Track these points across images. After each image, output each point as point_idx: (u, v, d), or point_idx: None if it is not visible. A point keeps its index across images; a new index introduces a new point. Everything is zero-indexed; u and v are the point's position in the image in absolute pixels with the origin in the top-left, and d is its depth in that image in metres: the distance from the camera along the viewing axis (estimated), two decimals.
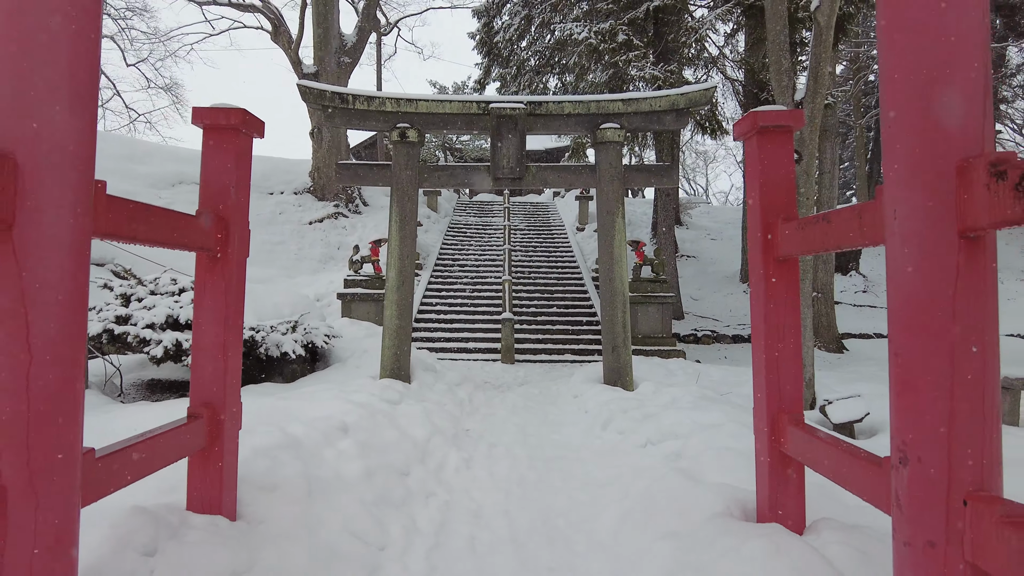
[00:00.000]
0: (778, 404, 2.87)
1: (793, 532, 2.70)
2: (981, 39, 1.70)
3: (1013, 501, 1.66)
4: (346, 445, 4.18)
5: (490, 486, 4.23)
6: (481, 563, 3.08)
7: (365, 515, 3.36)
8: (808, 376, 6.53)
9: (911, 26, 1.73)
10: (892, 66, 1.79)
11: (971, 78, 1.69)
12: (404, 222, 6.94)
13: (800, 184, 6.31)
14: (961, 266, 1.71)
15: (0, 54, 1.68)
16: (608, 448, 4.93)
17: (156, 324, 6.82)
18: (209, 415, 2.83)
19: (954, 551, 1.70)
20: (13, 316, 1.70)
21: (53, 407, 1.77)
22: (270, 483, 3.26)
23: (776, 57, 6.40)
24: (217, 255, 2.85)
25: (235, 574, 2.48)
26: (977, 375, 1.71)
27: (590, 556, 3.08)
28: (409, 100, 6.75)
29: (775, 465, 2.85)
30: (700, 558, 2.57)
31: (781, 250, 2.81)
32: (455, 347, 11.02)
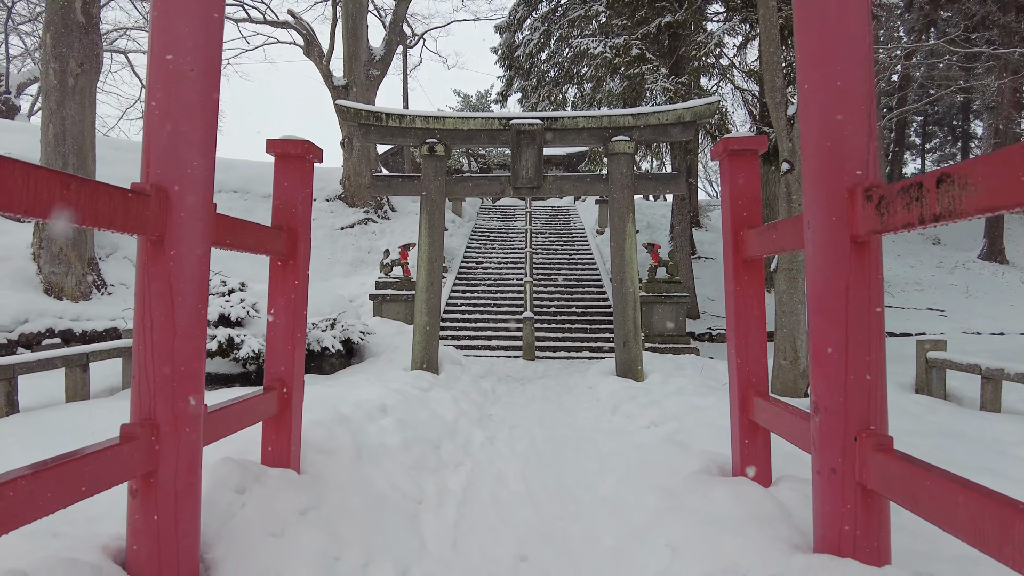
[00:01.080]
0: (747, 380, 3.46)
1: (760, 485, 3.28)
2: (867, 108, 2.29)
3: (886, 435, 2.25)
4: (386, 422, 4.85)
5: (510, 458, 4.87)
6: (501, 513, 3.71)
7: (405, 476, 4.02)
8: (803, 367, 7.04)
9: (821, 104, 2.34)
10: (806, 125, 2.40)
11: (860, 128, 2.29)
12: (432, 229, 7.62)
13: (792, 191, 6.83)
14: (852, 263, 2.30)
15: (162, 122, 2.36)
16: (615, 429, 5.53)
17: (211, 321, 7.59)
18: (280, 388, 3.51)
19: (849, 475, 2.29)
20: (164, 302, 2.39)
21: (188, 369, 2.45)
22: (327, 448, 3.93)
23: (770, 76, 6.93)
24: (288, 260, 3.53)
25: (307, 509, 3.15)
26: (865, 345, 2.30)
27: (593, 506, 3.70)
28: (437, 118, 7.42)
29: (744, 430, 3.44)
30: (678, 501, 3.18)
31: (747, 252, 3.40)
32: (479, 344, 11.67)
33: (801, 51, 2.43)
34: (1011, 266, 21.64)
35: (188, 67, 2.41)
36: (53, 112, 10.42)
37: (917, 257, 22.44)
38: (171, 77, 2.39)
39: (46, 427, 5.03)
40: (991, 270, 21.16)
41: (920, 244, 23.94)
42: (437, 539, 3.35)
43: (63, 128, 10.46)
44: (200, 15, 2.44)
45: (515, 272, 15.06)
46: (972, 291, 18.78)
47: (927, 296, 18.17)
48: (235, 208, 16.37)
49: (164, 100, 2.37)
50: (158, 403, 2.38)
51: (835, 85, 2.29)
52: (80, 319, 10.11)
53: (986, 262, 22.02)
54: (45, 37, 10.50)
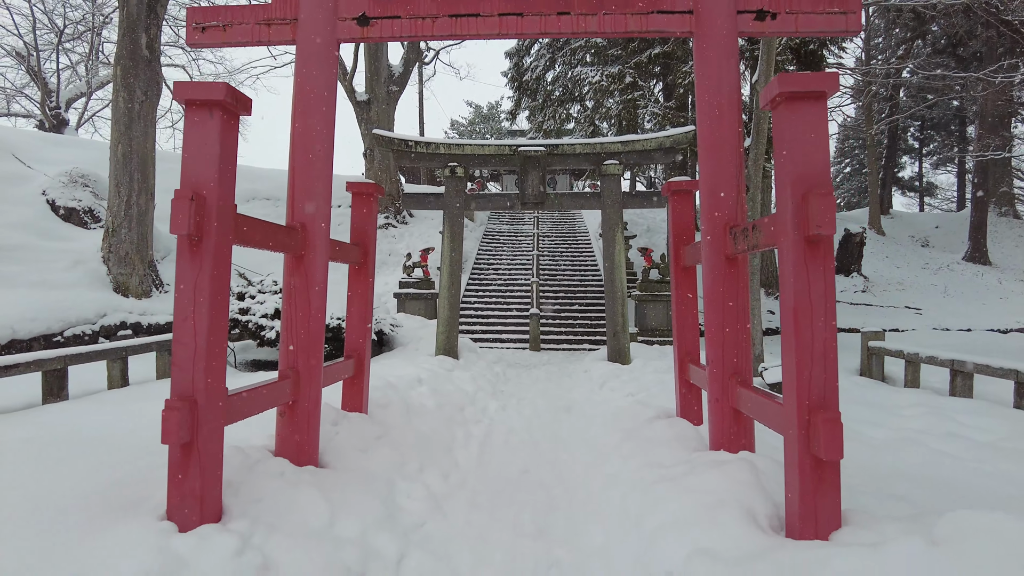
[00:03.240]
0: (684, 352, 4.89)
1: (691, 423, 4.69)
2: (736, 181, 3.73)
3: (748, 377, 3.69)
4: (423, 390, 6.32)
5: (518, 418, 6.32)
6: (511, 449, 5.17)
7: (441, 425, 5.48)
8: (757, 352, 8.42)
9: (710, 182, 3.78)
10: (705, 190, 3.85)
11: (734, 193, 3.73)
12: (453, 237, 9.09)
13: (749, 208, 8.23)
14: (727, 272, 3.74)
15: (301, 185, 3.84)
16: (601, 399, 6.97)
17: (268, 315, 9.08)
18: (356, 357, 4.98)
19: (725, 401, 3.72)
20: (302, 295, 3.85)
21: (315, 338, 3.91)
22: (383, 403, 5.39)
23: None
24: (361, 266, 5.00)
25: (378, 437, 4.61)
26: (734, 324, 3.74)
27: (577, 444, 5.15)
28: (457, 145, 8.88)
29: (682, 386, 4.87)
30: (633, 434, 4.62)
31: (684, 262, 4.84)
32: (491, 337, 13.11)
33: (702, 160, 3.87)
34: (993, 267, 22.83)
35: (317, 148, 3.90)
36: (122, 134, 11.97)
37: (905, 259, 23.66)
38: (305, 157, 3.88)
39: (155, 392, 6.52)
40: (973, 271, 22.36)
41: (909, 247, 25.15)
42: (466, 461, 4.81)
43: (130, 148, 12.01)
44: (325, 116, 3.93)
45: (523, 272, 16.48)
46: (950, 291, 20.03)
47: (907, 295, 19.44)
48: (269, 214, 17.92)
49: (302, 171, 3.86)
50: (299, 359, 3.85)
51: (719, 172, 3.74)
52: (145, 314, 11.65)
53: (969, 263, 23.20)
54: (116, 70, 12.05)
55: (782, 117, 2.61)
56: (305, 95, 3.94)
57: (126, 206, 12.12)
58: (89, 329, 10.59)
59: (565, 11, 3.84)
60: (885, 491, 3.34)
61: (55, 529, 2.56)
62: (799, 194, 2.54)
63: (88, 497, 2.92)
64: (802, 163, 2.56)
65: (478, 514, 3.68)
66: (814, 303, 2.55)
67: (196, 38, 4.09)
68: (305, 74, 3.95)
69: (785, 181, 2.61)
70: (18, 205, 12.75)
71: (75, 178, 14.04)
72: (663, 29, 3.90)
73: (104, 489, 3.03)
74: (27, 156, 14.68)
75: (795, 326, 2.57)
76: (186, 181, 2.72)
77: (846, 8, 3.76)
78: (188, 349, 2.73)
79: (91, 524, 2.64)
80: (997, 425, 5.14)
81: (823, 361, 2.54)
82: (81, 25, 21.32)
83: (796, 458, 2.54)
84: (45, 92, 19.96)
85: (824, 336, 2.54)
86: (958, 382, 6.72)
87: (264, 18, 4.02)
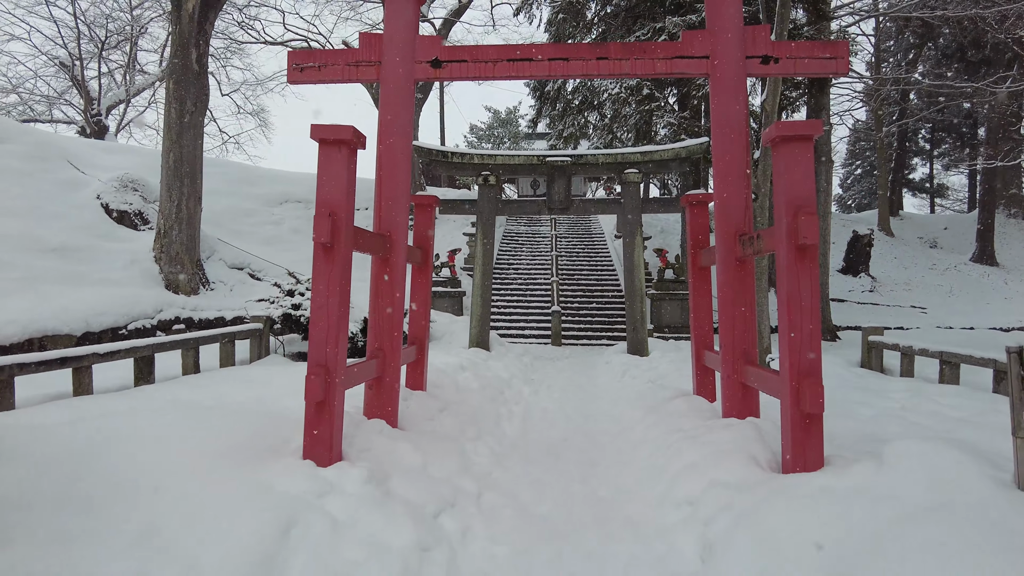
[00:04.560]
0: (700, 340, 5.70)
1: (707, 399, 5.49)
2: (745, 196, 4.55)
3: (754, 357, 4.49)
4: (467, 375, 7.16)
5: (550, 400, 7.16)
6: (549, 425, 6.00)
7: (486, 403, 6.32)
8: (765, 345, 9.18)
9: (724, 197, 4.60)
10: (719, 204, 4.66)
11: (742, 207, 4.54)
12: (486, 239, 9.93)
13: (756, 215, 9.00)
14: (737, 271, 4.55)
15: (385, 193, 4.69)
16: (623, 384, 7.79)
17: None
18: (418, 344, 5.83)
19: (736, 377, 4.53)
20: (387, 289, 4.70)
21: (396, 324, 4.76)
22: (437, 384, 6.24)
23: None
24: (422, 267, 5.85)
25: (441, 409, 5.45)
26: (743, 315, 4.55)
27: (605, 419, 5.98)
28: (490, 155, 9.72)
29: (698, 369, 5.68)
30: (654, 409, 5.44)
31: (700, 263, 5.65)
32: (514, 333, 13.95)
33: (716, 178, 4.68)
34: (999, 268, 23.39)
35: (398, 169, 4.75)
36: (173, 142, 12.91)
37: (913, 260, 24.26)
38: (389, 175, 4.73)
39: (225, 377, 7.39)
40: (980, 272, 22.94)
41: (918, 248, 25.74)
42: (513, 432, 5.66)
43: (181, 155, 12.96)
44: (404, 142, 4.78)
45: (542, 272, 17.30)
46: (955, 291, 20.64)
47: (913, 295, 20.09)
48: (300, 215, 18.88)
49: (387, 188, 4.71)
50: (383, 341, 4.71)
51: (731, 189, 4.55)
52: (196, 309, 12.58)
53: (977, 264, 23.78)
54: (168, 83, 13.00)
55: (778, 153, 3.43)
56: (387, 124, 4.79)
57: (177, 210, 13.07)
58: (148, 323, 11.53)
59: (604, 57, 4.66)
60: (863, 448, 4.14)
61: (232, 463, 3.43)
62: (791, 213, 3.35)
63: (238, 445, 3.78)
64: (793, 189, 3.38)
65: (532, 467, 4.52)
66: (803, 294, 3.36)
67: (295, 76, 4.95)
68: (387, 107, 4.80)
69: (780, 201, 3.42)
70: (78, 209, 13.73)
71: (125, 183, 15.03)
72: (684, 71, 4.73)
73: (247, 440, 3.89)
74: (80, 162, 15.69)
75: (788, 311, 3.38)
76: (321, 201, 3.57)
77: (836, 54, 4.56)
78: (323, 330, 3.59)
79: (253, 461, 3.50)
80: (972, 405, 5.89)
81: (810, 338, 3.35)
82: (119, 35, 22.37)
83: (788, 413, 3.35)
84: (87, 100, 21.03)
85: (810, 319, 3.35)
86: (945, 371, 7.48)
87: (353, 60, 4.87)
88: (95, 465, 3.50)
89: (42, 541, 2.91)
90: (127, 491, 3.24)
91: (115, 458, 3.58)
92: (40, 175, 14.33)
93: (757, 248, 4.10)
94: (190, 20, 13.00)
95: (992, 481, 2.42)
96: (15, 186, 13.24)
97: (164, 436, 3.92)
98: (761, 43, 4.63)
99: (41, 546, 2.88)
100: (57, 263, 11.81)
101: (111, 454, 3.61)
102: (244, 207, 18.31)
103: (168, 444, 3.76)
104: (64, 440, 3.71)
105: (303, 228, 18.51)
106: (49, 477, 3.38)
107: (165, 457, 3.54)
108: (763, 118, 8.88)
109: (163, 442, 3.79)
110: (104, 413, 4.86)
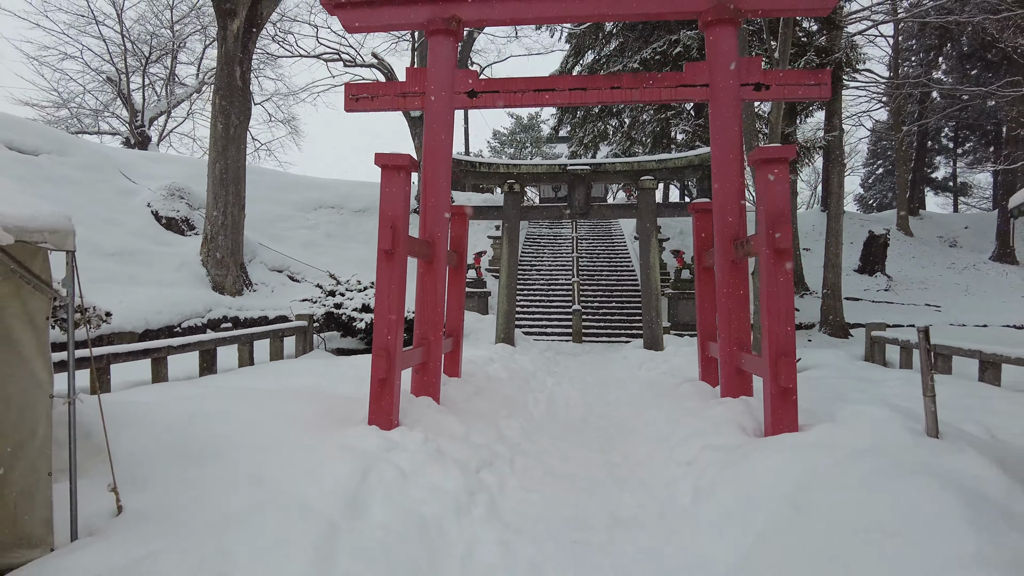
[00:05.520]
0: (705, 333, 6.40)
1: (710, 384, 6.19)
2: (739, 208, 5.25)
3: (748, 345, 5.20)
4: (496, 366, 7.93)
5: (571, 389, 7.89)
6: (571, 409, 6.74)
7: (515, 391, 7.08)
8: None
9: (722, 211, 5.31)
10: (717, 215, 5.37)
11: (737, 215, 5.24)
12: (511, 243, 10.69)
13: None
14: (733, 271, 5.25)
15: (430, 205, 5.48)
16: (638, 376, 8.50)
17: (357, 308, 10.81)
18: (454, 337, 6.62)
19: (732, 363, 5.24)
20: (431, 288, 5.50)
21: (438, 317, 5.55)
22: (469, 373, 7.02)
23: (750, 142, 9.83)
24: (457, 268, 6.63)
25: (475, 394, 6.23)
26: (737, 309, 5.25)
27: (620, 404, 6.70)
28: (515, 164, 10.48)
29: (703, 358, 6.38)
30: (664, 394, 6.15)
31: (705, 263, 6.35)
32: (536, 331, 14.68)
33: (715, 189, 5.38)
34: (1019, 267, 23.52)
35: (440, 185, 5.54)
36: (219, 154, 13.91)
37: (931, 259, 24.50)
38: (433, 191, 5.52)
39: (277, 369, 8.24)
40: (998, 270, 23.13)
41: (937, 248, 25.94)
42: (539, 414, 6.41)
43: (226, 165, 13.94)
44: (445, 162, 5.56)
45: (564, 272, 18.01)
46: (972, 289, 20.91)
47: (929, 294, 20.41)
48: (333, 220, 19.84)
49: (432, 202, 5.50)
50: (428, 332, 5.49)
51: (727, 199, 5.26)
52: (242, 309, 13.54)
53: (996, 263, 23.94)
54: (215, 99, 14.00)
55: (760, 173, 4.14)
56: (431, 147, 5.58)
57: (222, 217, 14.05)
58: (199, 321, 12.51)
59: (617, 86, 5.40)
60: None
61: (314, 429, 4.24)
62: (770, 222, 4.07)
63: (314, 417, 4.59)
64: (772, 202, 4.08)
65: (557, 441, 5.27)
66: (779, 289, 4.07)
67: (351, 105, 5.76)
68: (431, 132, 5.59)
69: (762, 212, 4.13)
70: (131, 215, 14.80)
71: (172, 191, 16.09)
72: (688, 97, 5.45)
73: (320, 413, 4.70)
74: (130, 172, 16.80)
75: (767, 303, 4.09)
76: (384, 215, 4.36)
77: (819, 81, 5.25)
78: (386, 321, 4.38)
79: (329, 427, 4.31)
80: (956, 392, 6.51)
81: (785, 325, 4.06)
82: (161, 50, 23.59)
83: (768, 387, 4.06)
84: (132, 112, 22.26)
85: (785, 309, 4.05)
86: (939, 362, 8.07)
87: (400, 92, 5.68)
88: (199, 431, 4.32)
89: (171, 485, 3.74)
90: (232, 450, 4.06)
91: (214, 426, 4.40)
92: (96, 184, 15.43)
93: (747, 251, 4.80)
94: (235, 40, 13.97)
95: (909, 431, 3.12)
96: (76, 195, 14.33)
97: (249, 411, 4.75)
98: (754, 72, 5.33)
99: (171, 488, 3.70)
100: (116, 266, 12.85)
101: (210, 423, 4.44)
102: (281, 213, 19.31)
103: (256, 416, 4.58)
104: (166, 414, 4.53)
105: (336, 232, 19.46)
106: (165, 440, 4.20)
107: (257, 426, 4.36)
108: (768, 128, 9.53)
109: (251, 415, 4.61)
110: (186, 396, 5.70)
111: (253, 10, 14.19)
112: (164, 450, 4.07)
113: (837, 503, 2.65)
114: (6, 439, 3.15)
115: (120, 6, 21.71)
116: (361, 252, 18.66)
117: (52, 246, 3.09)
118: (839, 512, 2.60)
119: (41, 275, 3.20)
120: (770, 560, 2.69)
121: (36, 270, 3.18)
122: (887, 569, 2.16)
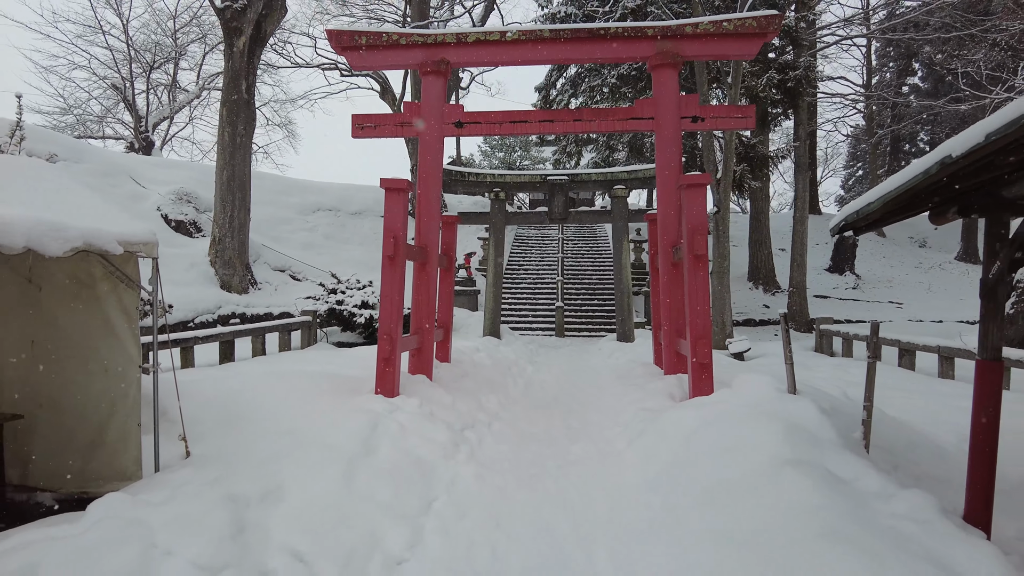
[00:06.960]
0: (657, 324, 7.52)
1: (661, 369, 7.32)
2: (676, 215, 6.38)
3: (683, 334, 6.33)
4: (482, 355, 9.04)
5: (548, 376, 9.02)
6: (544, 390, 7.86)
7: (497, 376, 8.19)
8: (728, 332, 10.94)
9: (664, 219, 6.43)
10: (662, 225, 6.51)
11: (673, 224, 6.38)
12: (496, 245, 11.80)
13: (719, 225, 10.77)
14: (673, 272, 6.39)
15: (423, 217, 6.59)
16: (609, 363, 9.62)
17: (357, 305, 11.89)
18: (444, 328, 7.72)
19: (672, 347, 6.36)
20: (425, 287, 6.61)
21: (430, 311, 6.66)
22: (457, 360, 8.13)
23: (707, 155, 10.92)
24: (447, 271, 7.73)
25: (462, 376, 7.33)
26: (676, 303, 6.38)
27: (589, 386, 7.83)
28: (500, 174, 11.58)
29: (656, 345, 7.50)
30: (623, 376, 7.28)
31: (657, 264, 7.48)
32: (523, 326, 15.79)
33: (659, 202, 6.51)
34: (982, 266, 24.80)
35: (431, 200, 6.64)
36: (226, 162, 14.94)
37: (900, 259, 25.77)
38: (425, 206, 6.62)
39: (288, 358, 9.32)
40: (961, 270, 24.42)
41: (907, 248, 27.23)
42: (516, 393, 7.52)
43: (233, 173, 14.97)
44: (435, 182, 6.66)
45: (550, 271, 19.13)
46: (934, 288, 22.19)
47: (894, 292, 21.67)
48: (331, 222, 20.88)
49: (424, 215, 6.60)
50: (423, 322, 6.59)
51: (668, 211, 6.39)
52: (249, 306, 14.59)
53: (960, 262, 25.24)
54: (222, 110, 15.03)
55: (684, 195, 5.26)
56: (424, 169, 6.67)
57: (229, 220, 15.08)
58: (210, 317, 13.55)
59: (579, 119, 6.52)
60: None
61: (331, 397, 5.34)
62: (691, 233, 5.19)
63: (330, 390, 5.68)
64: (693, 218, 5.21)
65: (529, 411, 6.39)
66: (699, 286, 5.19)
67: (358, 133, 6.85)
68: (424, 155, 6.69)
69: (686, 225, 5.26)
70: (142, 218, 15.79)
71: (180, 195, 17.11)
72: (637, 128, 6.57)
73: (335, 387, 5.79)
74: (139, 177, 17.79)
75: (690, 297, 5.21)
76: (387, 228, 5.46)
77: (745, 115, 6.38)
78: (388, 312, 5.48)
79: (344, 396, 5.41)
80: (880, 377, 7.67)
81: (703, 314, 5.19)
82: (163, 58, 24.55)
83: (690, 362, 5.19)
84: (136, 118, 23.22)
85: (703, 301, 5.18)
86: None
87: (399, 122, 6.77)
88: (238, 401, 5.40)
89: (223, 439, 4.82)
90: (268, 413, 5.15)
91: (249, 397, 5.49)
92: (108, 189, 16.41)
93: (679, 255, 5.93)
94: (241, 56, 15.00)
95: (779, 392, 4.26)
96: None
97: (276, 385, 5.84)
98: (692, 107, 6.46)
99: (224, 441, 4.78)
100: None
101: (245, 396, 5.52)
102: (281, 215, 20.34)
103: (282, 389, 5.67)
104: (207, 389, 5.59)
105: (334, 234, 20.51)
106: (211, 408, 5.27)
107: (285, 396, 5.45)
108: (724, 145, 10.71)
109: (278, 389, 5.71)
110: (217, 377, 6.77)
111: (257, 27, 15.22)
112: (212, 415, 5.14)
113: (708, 437, 3.79)
114: (107, 398, 4.25)
115: (126, 16, 22.68)
116: (357, 252, 19.74)
117: (145, 255, 4.18)
118: (709, 443, 3.73)
119: (132, 276, 4.29)
120: (668, 476, 3.82)
121: (128, 272, 4.28)
122: (723, 465, 3.30)
